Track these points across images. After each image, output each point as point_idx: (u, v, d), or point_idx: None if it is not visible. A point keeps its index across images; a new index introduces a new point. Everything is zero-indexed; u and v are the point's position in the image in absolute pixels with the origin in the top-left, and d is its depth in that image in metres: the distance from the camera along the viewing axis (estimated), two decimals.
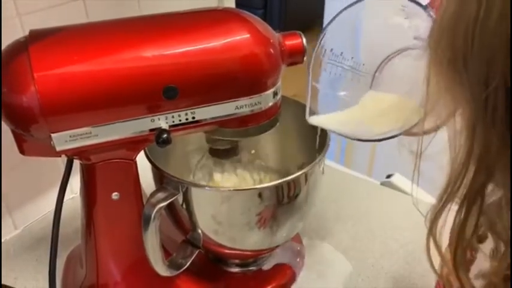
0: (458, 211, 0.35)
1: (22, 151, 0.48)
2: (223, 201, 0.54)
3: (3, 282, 0.68)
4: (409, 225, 0.77)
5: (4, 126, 0.46)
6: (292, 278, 0.69)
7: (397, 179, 0.87)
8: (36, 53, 0.43)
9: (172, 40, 0.47)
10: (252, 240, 0.59)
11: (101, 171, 0.51)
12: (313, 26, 3.20)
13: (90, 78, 0.44)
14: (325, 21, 1.64)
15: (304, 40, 0.53)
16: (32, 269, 0.72)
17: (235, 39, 0.48)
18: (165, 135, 0.47)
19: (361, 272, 0.71)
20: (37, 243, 0.76)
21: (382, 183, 0.90)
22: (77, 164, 0.53)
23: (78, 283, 0.62)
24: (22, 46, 0.44)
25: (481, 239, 0.37)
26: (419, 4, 0.45)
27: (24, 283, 0.69)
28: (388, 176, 0.90)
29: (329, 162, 0.97)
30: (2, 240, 0.76)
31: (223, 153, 0.58)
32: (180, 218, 0.59)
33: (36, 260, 0.73)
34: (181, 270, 0.59)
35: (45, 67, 0.43)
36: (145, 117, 0.47)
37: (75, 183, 0.58)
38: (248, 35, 0.48)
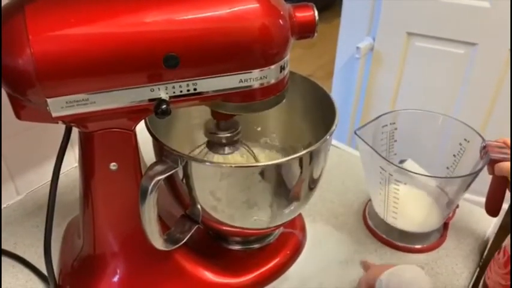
0: None
1: (18, 115, 0.47)
2: (222, 177, 0.53)
3: (2, 247, 0.68)
4: None
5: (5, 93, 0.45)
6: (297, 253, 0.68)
7: (409, 165, 0.87)
8: (32, 14, 0.41)
9: (175, 5, 0.44)
10: (251, 218, 0.58)
11: (99, 140, 0.50)
12: (333, 5, 3.13)
13: (87, 42, 0.42)
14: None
15: (316, 13, 0.50)
16: (32, 235, 0.71)
17: (243, 8, 0.45)
18: (164, 106, 0.46)
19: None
20: (38, 209, 0.76)
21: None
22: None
23: (75, 253, 0.62)
24: (18, 6, 0.42)
25: None
26: None
27: (24, 249, 0.69)
28: (401, 162, 0.89)
29: (340, 144, 0.95)
30: (4, 206, 0.76)
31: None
32: (179, 192, 0.58)
33: (37, 227, 0.73)
34: (179, 245, 0.58)
35: (41, 29, 0.41)
36: (144, 86, 0.45)
37: (78, 152, 0.57)
38: (257, 4, 0.45)
